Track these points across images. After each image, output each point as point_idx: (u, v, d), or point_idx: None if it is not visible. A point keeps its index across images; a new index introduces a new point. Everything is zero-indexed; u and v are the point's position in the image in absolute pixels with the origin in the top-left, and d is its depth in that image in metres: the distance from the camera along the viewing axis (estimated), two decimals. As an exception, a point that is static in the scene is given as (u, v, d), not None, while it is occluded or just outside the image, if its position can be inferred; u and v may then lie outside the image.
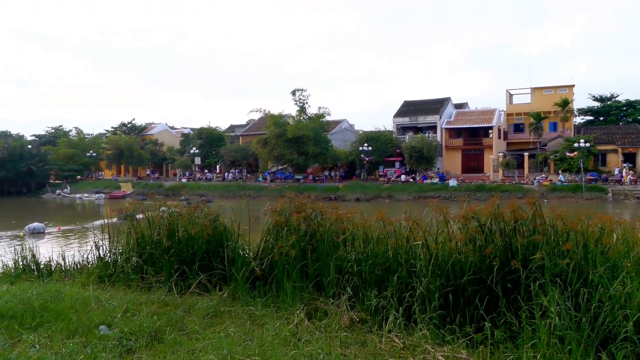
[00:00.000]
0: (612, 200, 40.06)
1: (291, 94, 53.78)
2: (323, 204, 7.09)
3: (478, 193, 41.98)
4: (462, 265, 5.02)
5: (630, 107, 69.89)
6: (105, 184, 63.07)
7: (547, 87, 60.62)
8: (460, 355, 4.10)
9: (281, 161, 54.22)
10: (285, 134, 50.25)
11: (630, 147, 50.50)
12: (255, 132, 62.92)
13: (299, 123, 52.01)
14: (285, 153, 51.00)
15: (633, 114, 69.03)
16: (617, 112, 69.74)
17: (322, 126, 53.38)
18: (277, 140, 51.16)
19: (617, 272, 4.51)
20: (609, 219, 5.47)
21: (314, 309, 5.40)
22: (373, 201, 44.45)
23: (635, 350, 3.87)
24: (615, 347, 3.91)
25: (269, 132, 52.43)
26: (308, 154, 51.04)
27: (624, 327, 3.95)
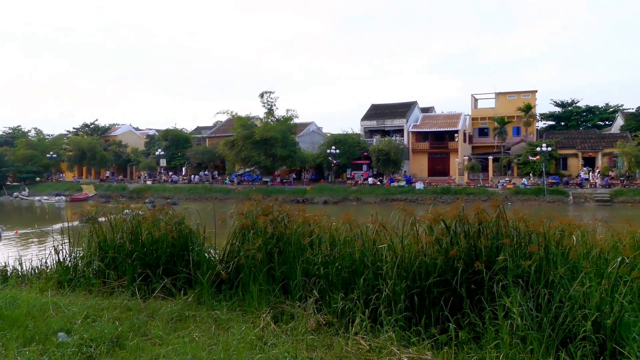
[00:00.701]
0: (573, 203, 41.29)
1: (259, 96, 53.69)
2: (290, 207, 7.07)
3: (444, 196, 42.71)
4: (428, 267, 5.08)
5: (589, 112, 72.30)
6: (66, 186, 61.44)
7: (511, 93, 62.08)
8: (425, 356, 4.14)
9: (248, 163, 53.91)
10: (253, 136, 50.00)
11: (590, 151, 52.19)
12: (222, 134, 62.34)
13: (266, 125, 51.85)
14: (252, 155, 50.73)
15: (592, 119, 71.42)
16: (577, 118, 72.04)
17: (290, 128, 53.35)
18: (245, 142, 50.85)
19: (577, 272, 4.63)
20: (569, 221, 5.63)
21: (281, 312, 5.37)
22: (341, 204, 44.65)
23: (593, 349, 3.98)
24: (574, 347, 4.00)
25: (237, 134, 52.07)
26: (276, 156, 50.91)
27: (582, 326, 4.05)
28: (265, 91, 53.44)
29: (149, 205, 8.94)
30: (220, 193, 50.62)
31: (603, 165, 50.47)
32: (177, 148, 64.62)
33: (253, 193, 7.73)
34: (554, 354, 3.97)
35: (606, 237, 6.52)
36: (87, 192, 54.64)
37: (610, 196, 41.36)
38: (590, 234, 6.42)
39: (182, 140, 66.07)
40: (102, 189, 56.75)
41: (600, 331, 4.06)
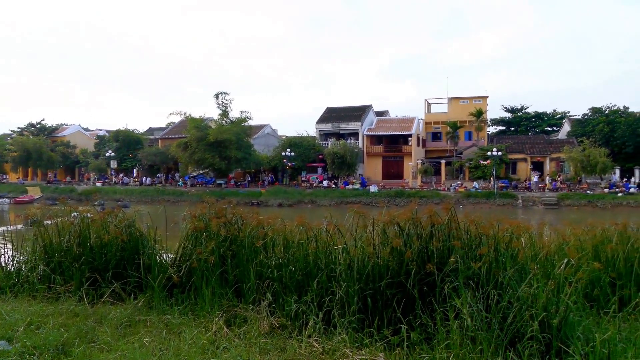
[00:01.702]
0: (521, 206, 42.70)
1: (214, 96, 52.89)
2: (244, 209, 6.99)
3: (398, 199, 43.35)
4: (381, 269, 5.12)
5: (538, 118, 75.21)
6: (10, 188, 58.75)
7: (463, 98, 63.72)
8: (377, 358, 4.17)
9: (202, 165, 53.11)
10: (207, 138, 49.30)
11: (539, 156, 54.19)
12: (175, 135, 61.18)
13: (221, 127, 51.20)
14: (206, 157, 50.01)
15: (541, 125, 74.30)
16: (526, 123, 74.78)
17: (245, 130, 52.89)
18: (198, 144, 50.08)
19: (525, 274, 4.75)
20: (517, 224, 5.79)
21: (234, 315, 5.30)
22: (295, 206, 44.61)
23: (540, 349, 4.11)
24: (522, 346, 4.11)
25: (190, 136, 51.22)
26: (230, 158, 50.38)
27: (530, 326, 4.16)
28: (220, 92, 52.79)
29: (98, 208, 8.65)
30: (173, 195, 49.67)
31: (551, 169, 52.48)
32: (128, 149, 62.98)
33: (206, 195, 7.61)
34: (503, 354, 4.07)
35: (553, 239, 6.77)
36: (32, 194, 52.38)
37: (557, 200, 43.02)
38: (537, 237, 6.65)
39: (134, 141, 64.43)
40: (49, 191, 54.61)
41: (546, 331, 4.19)
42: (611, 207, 40.33)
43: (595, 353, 3.82)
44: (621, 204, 40.96)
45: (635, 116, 54.13)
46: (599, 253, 6.25)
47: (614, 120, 53.81)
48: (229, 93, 53.08)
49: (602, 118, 55.03)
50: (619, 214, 33.36)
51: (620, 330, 4.57)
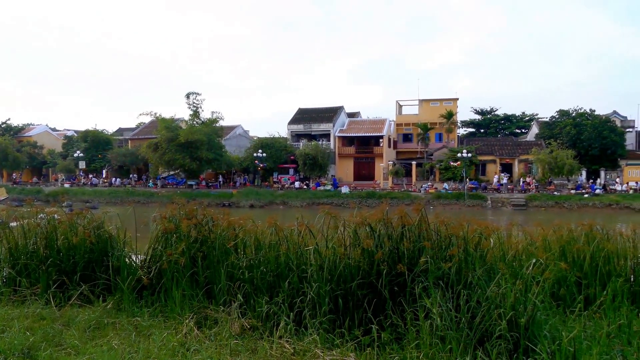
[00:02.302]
0: (491, 207, 43.44)
1: (185, 97, 52.35)
2: (215, 210, 6.93)
3: (369, 200, 43.55)
4: (352, 270, 5.14)
5: (507, 120, 76.74)
6: (-27, 189, 56.91)
7: (434, 100, 64.45)
8: (348, 358, 4.18)
9: (173, 166, 52.45)
10: (178, 138, 48.71)
11: (507, 157, 55.23)
12: (145, 136, 60.28)
13: (192, 127, 50.64)
14: (177, 158, 49.40)
15: (510, 127, 75.82)
16: (496, 125, 76.23)
17: (216, 131, 52.47)
18: (169, 145, 49.44)
19: (494, 274, 4.83)
20: (486, 224, 5.88)
21: (204, 317, 5.25)
22: (267, 207, 44.45)
23: (508, 347, 4.18)
24: (490, 345, 4.17)
25: (160, 136, 50.53)
26: (201, 159, 49.89)
27: (498, 325, 4.23)
28: (191, 92, 52.24)
29: (66, 209, 8.45)
30: (143, 196, 48.90)
31: (519, 171, 53.54)
32: (97, 150, 61.70)
33: (177, 196, 7.51)
34: (472, 353, 4.12)
35: (521, 240, 6.90)
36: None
37: (525, 201, 43.89)
38: (506, 237, 6.77)
39: (103, 141, 63.16)
40: (15, 192, 53.06)
41: (514, 329, 4.26)
42: (578, 208, 41.38)
43: (561, 351, 3.90)
44: (587, 204, 42.07)
45: (601, 119, 55.64)
46: (565, 253, 6.40)
47: (580, 122, 55.18)
48: (200, 93, 52.62)
49: (569, 120, 56.37)
50: (585, 215, 34.23)
51: (586, 329, 4.68)
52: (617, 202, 42.22)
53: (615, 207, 41.53)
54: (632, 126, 63.44)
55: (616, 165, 53.76)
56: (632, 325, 4.89)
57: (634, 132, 62.71)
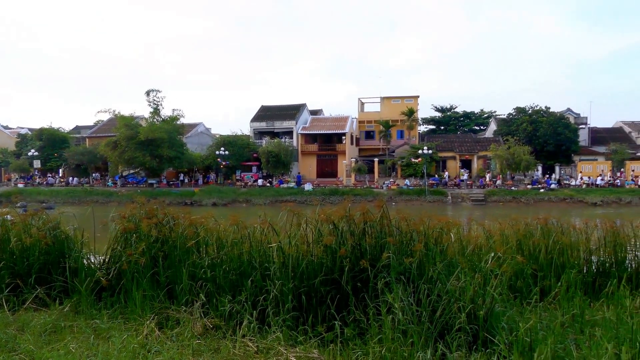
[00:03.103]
0: (451, 203, 44.27)
1: (145, 94, 51.17)
2: (177, 209, 6.83)
3: (332, 197, 43.72)
4: (315, 267, 5.15)
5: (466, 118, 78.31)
6: None
7: (395, 97, 65.17)
8: (312, 354, 4.19)
9: (133, 165, 51.34)
10: (138, 136, 47.68)
11: (467, 154, 56.42)
12: (104, 134, 58.75)
13: (152, 125, 49.66)
14: (137, 156, 48.36)
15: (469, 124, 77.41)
16: (455, 122, 77.67)
17: (177, 129, 51.61)
18: (129, 143, 48.34)
19: (453, 268, 4.93)
20: (446, 220, 6.00)
21: (166, 317, 5.16)
22: (230, 206, 44.05)
23: (467, 339, 4.27)
24: (451, 337, 4.25)
25: (120, 134, 49.33)
26: (162, 157, 49.00)
27: (458, 318, 4.32)
28: (151, 89, 51.17)
29: (19, 210, 8.15)
30: (101, 196, 47.58)
31: (478, 167, 54.75)
32: (53, 148, 59.69)
33: (137, 195, 7.35)
34: (432, 346, 4.20)
35: (480, 234, 7.07)
36: (-57, 196, 48.65)
37: (484, 196, 44.91)
38: (465, 232, 6.92)
39: (59, 140, 61.14)
40: (-36, 192, 50.90)
41: (473, 322, 4.36)
42: (534, 203, 42.60)
43: (518, 341, 4.01)
44: (543, 199, 43.39)
45: (555, 116, 57.42)
46: (522, 246, 6.59)
47: (536, 119, 56.80)
48: (160, 90, 51.62)
49: (526, 117, 57.95)
50: (541, 209, 35.28)
51: (542, 319, 4.83)
52: (572, 196, 43.72)
53: (570, 201, 42.99)
54: (585, 123, 65.77)
55: (570, 160, 55.68)
56: (585, 315, 5.08)
57: (587, 129, 65.02)
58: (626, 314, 4.92)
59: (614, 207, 40.54)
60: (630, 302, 5.29)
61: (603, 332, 4.48)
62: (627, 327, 4.47)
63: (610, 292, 5.77)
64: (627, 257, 6.70)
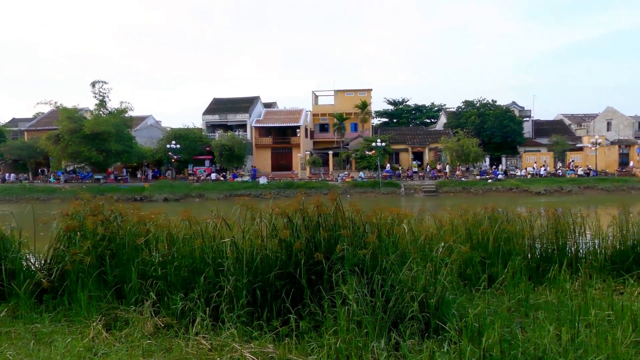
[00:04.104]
0: (404, 194, 45.05)
1: (90, 85, 49.41)
2: (125, 205, 6.61)
3: (287, 190, 43.62)
4: (270, 261, 5.11)
5: (418, 111, 79.70)
6: None
7: (349, 90, 65.56)
8: (267, 349, 4.15)
9: (77, 159, 49.57)
10: (82, 130, 46.04)
11: (419, 146, 57.52)
12: (44, 127, 56.20)
13: (98, 118, 48.03)
14: (82, 150, 46.71)
15: (420, 117, 78.86)
16: (407, 115, 78.96)
17: (125, 122, 50.11)
18: (72, 137, 46.60)
19: (406, 258, 5.00)
20: (398, 211, 6.07)
21: (114, 318, 4.99)
22: (182, 201, 43.26)
23: (420, 327, 4.34)
24: (404, 326, 4.31)
25: (62, 127, 47.47)
26: (109, 151, 47.54)
27: (411, 307, 4.38)
28: (97, 80, 49.42)
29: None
30: (43, 193, 45.43)
31: (430, 159, 55.90)
32: (-13, 142, 56.71)
33: (82, 192, 7.07)
34: (386, 335, 4.24)
35: (431, 224, 7.20)
36: None
37: (436, 187, 45.93)
38: (417, 222, 7.03)
39: (-6, 133, 58.18)
40: None
41: (425, 310, 4.43)
42: (483, 193, 43.92)
43: (467, 327, 4.10)
44: (491, 189, 44.80)
45: (502, 109, 59.29)
46: (471, 235, 6.76)
47: (484, 112, 58.47)
48: (107, 82, 49.96)
49: (474, 110, 59.54)
50: (489, 199, 36.36)
51: (489, 305, 4.98)
52: (517, 186, 45.31)
53: (516, 190, 44.54)
54: (529, 116, 68.22)
55: (516, 152, 57.69)
56: (529, 299, 5.28)
57: (531, 122, 67.44)
58: (567, 296, 5.14)
59: (556, 196, 42.33)
60: (570, 286, 5.54)
61: (546, 315, 4.67)
62: (568, 309, 4.68)
63: (552, 277, 6.02)
64: (567, 244, 7.00)
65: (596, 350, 3.71)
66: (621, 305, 4.65)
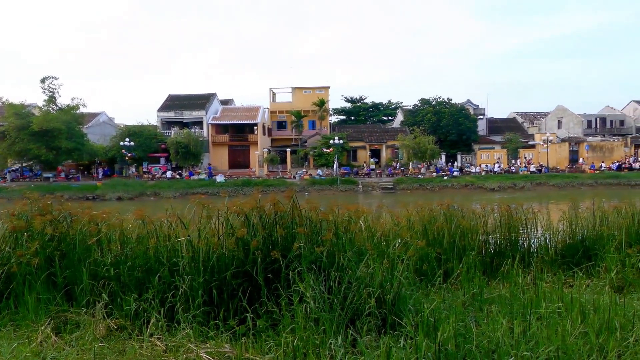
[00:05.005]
0: (362, 191, 45.45)
1: (40, 81, 47.74)
2: (76, 205, 6.39)
3: (245, 188, 43.29)
4: (226, 260, 5.04)
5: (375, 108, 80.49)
6: None
7: (307, 88, 65.57)
8: (223, 349, 4.10)
9: (25, 157, 47.70)
10: (30, 126, 44.33)
11: (376, 144, 58.13)
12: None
13: (47, 114, 46.33)
14: (30, 148, 44.99)
15: (377, 114, 79.69)
16: (365, 113, 79.66)
17: (76, 118, 48.57)
18: (20, 134, 44.84)
19: (363, 255, 5.02)
20: (355, 208, 6.11)
21: (64, 321, 4.81)
22: (137, 199, 42.30)
23: (377, 323, 4.38)
24: (361, 323, 4.34)
25: (9, 124, 45.61)
26: (60, 149, 45.97)
27: (368, 303, 4.40)
28: (47, 76, 47.73)
29: None
30: (-14, 193, 43.51)
31: (387, 156, 56.59)
32: None
33: (30, 191, 6.80)
34: (344, 331, 4.25)
35: (387, 221, 7.29)
36: None
37: (393, 184, 46.54)
38: (374, 219, 7.10)
39: None
40: None
41: (382, 306, 4.47)
42: (439, 189, 44.82)
43: (423, 322, 4.16)
44: (447, 186, 45.79)
45: (457, 107, 60.59)
46: (427, 231, 6.87)
47: (439, 110, 59.58)
48: (57, 77, 48.30)
49: (430, 108, 60.59)
50: (445, 195, 37.09)
51: (445, 300, 5.07)
52: (472, 182, 46.49)
53: (471, 187, 45.68)
54: (483, 114, 70.03)
55: (471, 149, 59.10)
56: (483, 293, 5.41)
57: (485, 119, 69.26)
58: (519, 290, 5.29)
59: (509, 192, 43.66)
60: (523, 280, 5.71)
61: (499, 308, 4.79)
62: (520, 303, 4.82)
63: (505, 271, 6.18)
64: (520, 239, 7.22)
65: (547, 341, 3.83)
66: (570, 298, 4.82)
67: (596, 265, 6.60)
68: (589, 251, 7.04)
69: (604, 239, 6.94)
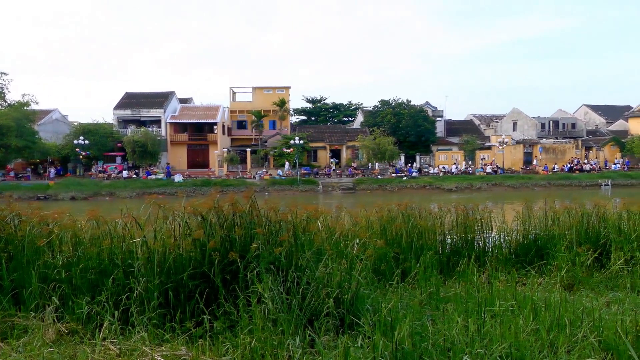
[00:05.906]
0: (322, 192, 45.59)
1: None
2: (25, 205, 6.17)
3: (204, 188, 42.75)
4: (183, 261, 4.95)
5: (336, 109, 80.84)
6: None
7: (267, 87, 65.26)
8: (179, 352, 4.02)
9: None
10: (-23, 124, 42.57)
11: (336, 144, 58.41)
12: None
13: (-4, 111, 44.59)
14: (-23, 145, 43.19)
15: (338, 115, 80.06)
16: (325, 113, 79.89)
17: (27, 115, 46.88)
18: (-34, 131, 42.97)
19: (321, 255, 5.03)
20: (314, 208, 6.11)
21: (11, 326, 4.62)
22: (92, 199, 41.18)
23: (335, 323, 4.39)
24: (319, 323, 4.34)
25: (-47, 121, 43.64)
26: (9, 147, 44.25)
27: (326, 304, 4.41)
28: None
29: None
30: None
31: (347, 157, 56.93)
32: None
33: (-24, 190, 6.50)
34: (302, 332, 4.24)
35: (346, 221, 7.33)
36: None
37: (353, 184, 46.88)
38: (333, 219, 7.12)
39: None
40: None
41: (341, 306, 4.49)
42: (398, 190, 45.44)
43: (381, 321, 4.20)
44: (406, 186, 46.46)
45: (416, 109, 61.54)
46: (385, 231, 6.95)
47: (399, 112, 60.38)
48: (7, 73, 46.54)
49: (389, 110, 61.31)
50: (404, 196, 37.61)
51: (402, 299, 5.14)
52: (430, 183, 47.33)
53: (429, 187, 46.50)
54: (441, 116, 71.38)
55: (429, 150, 60.16)
56: (440, 292, 5.51)
57: (443, 121, 70.60)
58: (474, 289, 5.41)
59: (467, 193, 44.64)
60: (478, 279, 5.84)
61: (455, 307, 4.88)
62: (475, 301, 4.92)
63: (461, 270, 6.32)
64: (475, 238, 7.39)
65: (500, 339, 3.92)
66: (523, 296, 4.96)
67: (548, 264, 6.81)
68: (541, 250, 7.26)
69: (556, 238, 7.17)
